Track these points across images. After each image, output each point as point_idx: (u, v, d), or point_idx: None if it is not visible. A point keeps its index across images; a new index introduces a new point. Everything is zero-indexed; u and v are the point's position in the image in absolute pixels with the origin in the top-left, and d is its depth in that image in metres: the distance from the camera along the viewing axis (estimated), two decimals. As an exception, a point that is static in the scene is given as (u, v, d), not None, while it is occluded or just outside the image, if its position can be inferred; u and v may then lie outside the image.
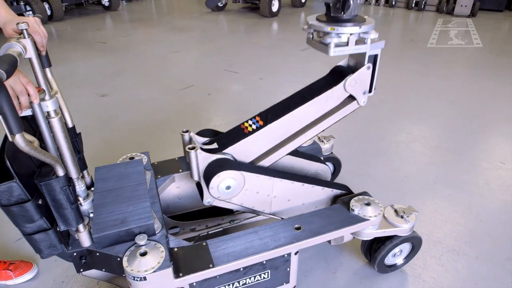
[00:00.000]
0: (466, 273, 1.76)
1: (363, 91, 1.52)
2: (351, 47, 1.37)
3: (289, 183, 1.57)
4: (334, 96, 1.52)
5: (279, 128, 1.52)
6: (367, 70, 1.46)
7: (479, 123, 3.24)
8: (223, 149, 1.48)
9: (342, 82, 1.48)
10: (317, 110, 1.54)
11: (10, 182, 0.99)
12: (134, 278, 1.17)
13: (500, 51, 5.69)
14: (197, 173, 1.44)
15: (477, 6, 7.47)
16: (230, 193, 1.43)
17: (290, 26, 7.16)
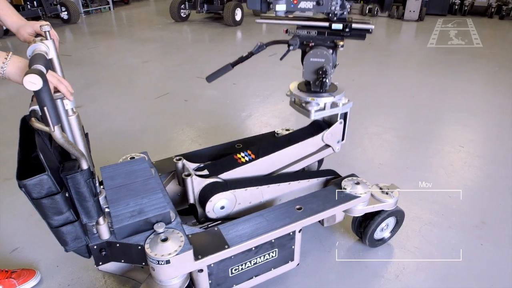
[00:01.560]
0: (443, 240, 1.99)
1: (337, 141, 1.90)
2: (327, 111, 1.74)
3: (276, 186, 1.73)
4: (313, 144, 1.88)
5: (268, 163, 1.78)
6: (340, 124, 1.84)
7: (437, 114, 3.58)
8: (218, 174, 1.65)
9: (320, 134, 1.84)
10: (298, 152, 1.86)
11: (42, 175, 1.05)
12: (159, 262, 1.25)
13: (446, 50, 6.24)
14: (193, 196, 1.60)
15: (424, 11, 8.13)
16: (225, 211, 1.61)
17: (255, 34, 7.38)
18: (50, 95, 0.92)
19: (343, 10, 1.54)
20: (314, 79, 1.64)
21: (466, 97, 4.03)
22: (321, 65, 1.59)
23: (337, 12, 1.53)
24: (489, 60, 5.47)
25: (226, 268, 1.43)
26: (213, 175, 1.64)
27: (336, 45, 1.61)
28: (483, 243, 1.97)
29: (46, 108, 0.91)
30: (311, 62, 1.62)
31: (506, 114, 3.57)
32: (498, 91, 4.21)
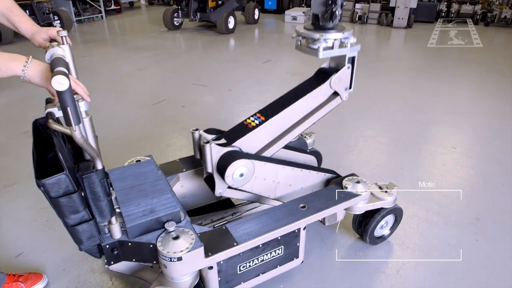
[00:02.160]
0: (440, 237, 2.05)
1: (345, 88, 1.79)
2: (336, 50, 1.64)
3: (290, 169, 1.76)
4: (322, 93, 1.77)
5: (278, 122, 1.73)
6: (348, 69, 1.74)
7: (429, 117, 3.68)
8: (232, 143, 1.64)
9: (328, 80, 1.73)
10: (308, 105, 1.78)
11: (60, 174, 1.08)
12: (171, 259, 1.29)
13: (435, 55, 6.42)
14: (211, 165, 1.58)
15: (412, 19, 8.34)
16: (243, 180, 1.59)
17: (248, 41, 7.48)
18: (72, 96, 0.96)
19: None
20: (323, 11, 1.57)
21: (456, 100, 4.15)
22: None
23: None
24: (476, 65, 5.64)
25: (235, 265, 1.47)
26: (228, 144, 1.64)
27: None
28: (478, 238, 2.05)
29: (69, 108, 0.95)
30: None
31: (495, 116, 3.70)
32: (486, 94, 4.35)
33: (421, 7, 8.67)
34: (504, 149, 3.03)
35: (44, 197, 1.64)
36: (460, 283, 1.76)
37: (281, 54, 6.55)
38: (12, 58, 1.03)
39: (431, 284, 1.76)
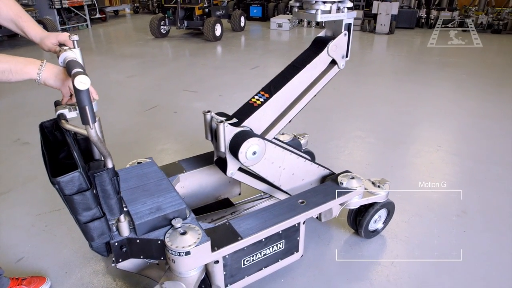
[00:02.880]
0: (430, 229, 2.16)
1: (342, 55, 1.83)
2: (333, 14, 1.68)
3: (296, 157, 1.84)
4: (320, 62, 1.81)
5: (282, 96, 1.77)
6: (344, 36, 1.78)
7: (414, 118, 3.83)
8: (241, 123, 1.68)
9: (326, 48, 1.77)
10: (309, 76, 1.82)
11: (74, 172, 1.12)
12: (179, 253, 1.33)
13: (417, 60, 6.65)
14: (224, 144, 1.62)
15: (393, 25, 8.62)
16: (255, 158, 1.63)
17: (235, 48, 7.58)
18: (90, 96, 1.01)
19: None
20: None
21: (439, 102, 4.32)
22: None
23: None
24: (456, 68, 5.88)
25: (239, 260, 1.53)
26: (239, 124, 1.68)
27: None
28: (466, 229, 2.16)
29: (87, 107, 1.00)
30: None
31: (476, 116, 3.87)
32: (468, 96, 4.54)
33: (402, 13, 8.97)
34: (486, 147, 3.18)
35: (41, 203, 1.66)
36: (451, 270, 1.86)
37: (268, 60, 6.67)
38: (28, 62, 1.08)
39: (424, 273, 1.84)
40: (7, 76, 1.04)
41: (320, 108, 3.85)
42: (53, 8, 8.58)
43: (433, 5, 9.66)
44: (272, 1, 11.47)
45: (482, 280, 1.81)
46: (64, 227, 2.18)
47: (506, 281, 1.81)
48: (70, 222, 2.20)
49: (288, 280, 1.80)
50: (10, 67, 1.04)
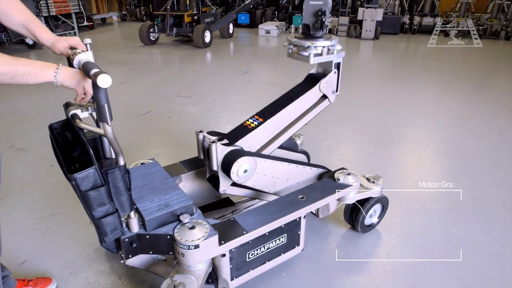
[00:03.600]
0: (422, 223, 2.26)
1: (332, 91, 2.01)
2: (324, 56, 1.84)
3: (287, 165, 1.91)
4: (312, 96, 1.97)
5: (275, 122, 1.90)
6: (334, 74, 1.96)
7: (402, 119, 3.97)
8: (234, 143, 1.77)
9: (317, 84, 1.94)
10: (301, 107, 1.97)
11: (89, 169, 1.18)
12: (189, 247, 1.39)
13: (402, 64, 6.86)
14: (216, 163, 1.70)
15: (379, 31, 8.86)
16: (247, 176, 1.72)
17: (225, 55, 7.68)
18: (107, 95, 1.07)
19: None
20: (314, 21, 1.77)
21: (425, 103, 4.49)
22: (320, 7, 1.73)
23: None
24: (440, 72, 6.09)
25: (244, 253, 1.59)
26: (231, 144, 1.76)
27: None
28: (455, 222, 2.27)
29: (106, 106, 1.06)
30: (310, 5, 1.76)
31: (460, 117, 4.03)
32: (452, 98, 4.72)
33: (387, 20, 9.23)
34: (470, 145, 3.33)
35: (40, 208, 1.67)
36: (442, 259, 1.95)
37: (258, 66, 6.78)
38: (45, 65, 1.13)
39: (419, 264, 1.94)
40: (27, 78, 1.09)
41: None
42: (40, 16, 8.53)
43: (416, 12, 9.98)
44: (259, 8, 11.64)
45: (471, 267, 1.91)
46: (66, 229, 2.20)
47: (493, 268, 1.91)
48: (72, 225, 2.24)
49: (290, 274, 1.87)
50: (30, 70, 1.09)
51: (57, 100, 4.99)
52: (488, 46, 8.45)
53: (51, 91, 4.88)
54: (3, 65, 1.04)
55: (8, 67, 1.05)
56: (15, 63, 1.07)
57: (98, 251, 2.03)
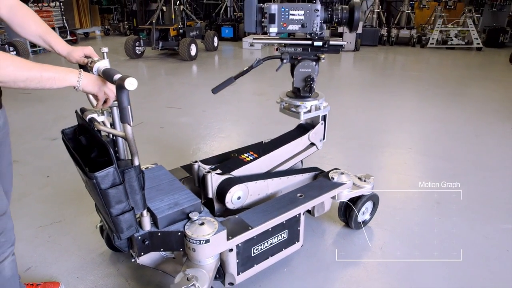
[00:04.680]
0: (410, 219, 2.41)
1: (320, 139, 2.26)
2: (313, 113, 2.10)
3: (278, 179, 2.06)
4: (301, 143, 2.22)
5: (268, 159, 2.10)
6: (321, 125, 2.22)
7: (387, 125, 4.17)
8: (229, 172, 1.91)
9: (307, 134, 2.20)
10: (291, 151, 2.20)
11: (109, 168, 1.26)
12: (200, 242, 1.48)
13: (382, 74, 7.16)
14: (211, 191, 1.85)
15: (359, 43, 9.22)
16: (240, 202, 1.88)
17: (211, 67, 7.82)
18: (129, 98, 1.17)
19: (322, 31, 1.93)
20: (303, 85, 1.99)
21: (407, 110, 4.72)
22: (309, 74, 1.95)
23: (317, 32, 1.91)
24: (419, 81, 6.40)
25: (250, 248, 1.68)
26: (226, 173, 1.90)
27: (319, 58, 1.98)
28: (441, 217, 2.42)
29: (129, 107, 1.16)
30: (300, 72, 1.97)
31: (440, 122, 4.27)
32: (431, 105, 4.98)
33: (366, 32, 9.62)
34: (450, 147, 3.54)
35: (40, 217, 1.72)
36: (429, 250, 2.10)
37: (244, 77, 6.85)
38: (68, 71, 1.22)
39: (410, 254, 2.07)
40: (51, 83, 1.18)
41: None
42: (23, 31, 8.47)
43: (393, 24, 10.43)
44: (242, 22, 11.90)
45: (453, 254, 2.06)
46: (68, 236, 2.24)
47: (477, 256, 2.06)
48: (74, 232, 2.28)
49: (290, 269, 1.97)
50: (54, 75, 1.18)
51: (46, 113, 5.00)
52: (461, 57, 8.91)
53: (40, 104, 4.88)
54: (30, 71, 1.12)
55: (35, 73, 1.13)
56: (40, 68, 1.15)
57: (102, 255, 2.08)
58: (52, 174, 3.01)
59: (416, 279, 1.92)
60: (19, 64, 1.10)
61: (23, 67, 1.10)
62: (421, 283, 1.89)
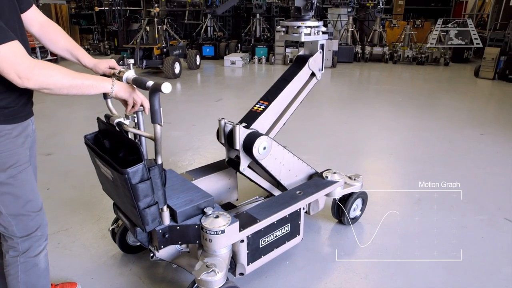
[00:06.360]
0: (395, 214, 2.64)
1: (318, 69, 2.36)
2: (313, 36, 2.21)
3: (292, 155, 2.24)
4: (304, 74, 2.32)
5: (279, 103, 2.23)
6: (319, 54, 2.32)
7: (367, 133, 4.47)
8: (249, 126, 2.07)
9: (307, 63, 2.29)
10: (296, 86, 2.31)
11: (139, 164, 1.42)
12: (216, 232, 1.64)
13: (359, 88, 7.58)
14: (239, 143, 1.97)
15: (335, 60, 9.70)
16: (265, 153, 1.99)
17: (195, 84, 8.03)
18: (160, 101, 1.35)
19: None
20: (304, 4, 2.13)
21: (384, 121, 5.06)
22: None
23: None
24: (393, 94, 6.83)
25: (258, 240, 1.85)
26: (248, 127, 2.03)
27: None
28: (422, 212, 2.68)
29: (160, 109, 1.33)
30: None
31: (415, 130, 4.62)
32: (406, 115, 5.35)
33: (342, 49, 10.14)
34: (426, 152, 3.86)
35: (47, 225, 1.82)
36: (413, 241, 2.33)
37: (229, 93, 7.18)
38: (103, 79, 1.39)
39: (397, 245, 2.29)
40: (89, 90, 1.34)
41: (288, 130, 4.34)
42: (4, 51, 8.44)
43: (366, 42, 11.04)
44: (222, 41, 12.25)
45: (433, 244, 2.29)
46: (77, 242, 2.33)
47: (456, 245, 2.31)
48: (83, 238, 2.37)
49: (292, 262, 2.14)
50: (93, 83, 1.34)
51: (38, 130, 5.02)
52: (431, 71, 9.53)
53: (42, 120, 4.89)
54: (74, 79, 1.29)
55: (77, 81, 1.30)
56: (82, 77, 1.31)
57: (114, 257, 2.18)
58: (52, 186, 3.07)
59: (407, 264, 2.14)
60: (65, 73, 1.26)
61: (68, 76, 1.27)
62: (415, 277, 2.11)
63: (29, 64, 1.17)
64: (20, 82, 1.16)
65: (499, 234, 2.44)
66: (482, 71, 8.26)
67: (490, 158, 3.75)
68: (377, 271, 2.09)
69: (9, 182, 1.33)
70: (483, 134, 4.46)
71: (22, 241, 1.41)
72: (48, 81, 1.22)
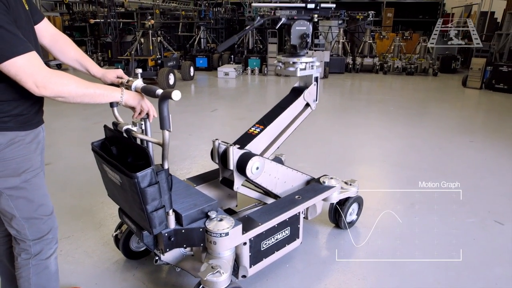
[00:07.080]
0: (390, 219, 2.73)
1: (313, 100, 2.48)
2: (308, 70, 2.33)
3: (285, 168, 2.31)
4: (299, 104, 2.43)
5: (273, 128, 2.32)
6: (314, 86, 2.44)
7: (360, 141, 4.59)
8: (244, 147, 2.13)
9: (302, 95, 2.40)
10: (291, 114, 2.41)
11: (148, 169, 1.48)
12: (220, 235, 1.70)
13: (351, 98, 7.74)
14: (232, 163, 2.04)
15: (327, 70, 9.90)
16: (258, 172, 2.07)
17: (190, 95, 8.11)
18: (168, 108, 1.42)
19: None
20: (299, 42, 2.24)
21: (376, 129, 5.19)
22: (304, 31, 2.21)
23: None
24: (384, 103, 7.00)
25: (260, 243, 1.91)
26: (242, 148, 2.09)
27: (312, 18, 2.25)
28: (416, 216, 2.77)
29: (169, 116, 1.41)
30: (296, 30, 2.22)
31: (406, 138, 4.75)
32: (397, 123, 5.50)
33: (333, 61, 10.36)
34: (418, 159, 3.98)
35: None
36: (406, 243, 2.41)
37: (224, 104, 7.27)
38: (113, 89, 1.46)
39: (392, 247, 2.37)
40: (101, 98, 1.41)
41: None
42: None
43: (357, 53, 11.30)
44: (215, 52, 12.40)
45: (428, 244, 2.38)
46: (80, 250, 2.36)
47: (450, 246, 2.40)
48: (85, 245, 2.41)
49: (292, 265, 2.20)
50: (104, 92, 1.41)
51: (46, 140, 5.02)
52: (420, 81, 9.78)
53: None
54: (87, 88, 1.36)
55: (90, 90, 1.37)
56: (94, 86, 1.38)
57: (117, 263, 2.22)
58: (51, 195, 3.03)
59: (401, 266, 2.21)
60: (79, 83, 1.33)
61: (82, 85, 1.34)
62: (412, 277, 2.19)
63: (46, 73, 1.24)
64: (37, 91, 1.23)
65: (489, 236, 2.54)
66: (469, 81, 8.51)
67: (480, 163, 3.88)
68: (374, 272, 2.16)
69: (23, 187, 1.38)
70: (472, 141, 4.61)
71: (34, 244, 1.45)
72: (63, 90, 1.28)
